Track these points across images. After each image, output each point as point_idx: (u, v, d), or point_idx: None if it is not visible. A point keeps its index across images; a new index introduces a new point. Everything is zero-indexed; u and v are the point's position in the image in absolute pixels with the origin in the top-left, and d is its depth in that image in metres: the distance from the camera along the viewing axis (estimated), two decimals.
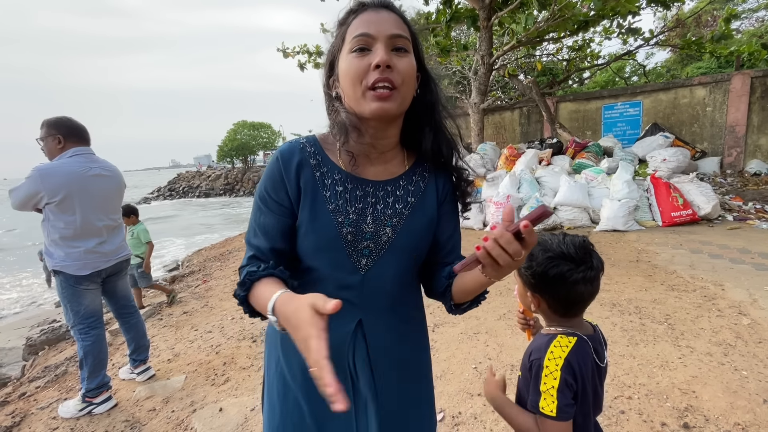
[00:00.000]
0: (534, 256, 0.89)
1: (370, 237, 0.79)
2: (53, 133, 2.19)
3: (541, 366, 0.83)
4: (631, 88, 8.74)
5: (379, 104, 0.71)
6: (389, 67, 0.70)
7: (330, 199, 0.78)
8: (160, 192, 35.81)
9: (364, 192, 0.80)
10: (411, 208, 0.82)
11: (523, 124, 10.10)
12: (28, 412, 2.34)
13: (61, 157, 2.18)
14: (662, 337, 2.53)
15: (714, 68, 11.87)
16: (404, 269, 0.84)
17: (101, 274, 2.28)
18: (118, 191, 2.39)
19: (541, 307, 0.93)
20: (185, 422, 2.10)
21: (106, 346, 2.32)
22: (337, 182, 0.79)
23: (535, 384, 0.84)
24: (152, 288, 4.20)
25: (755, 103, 7.27)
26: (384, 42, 0.71)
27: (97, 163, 2.27)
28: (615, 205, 5.41)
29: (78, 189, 2.14)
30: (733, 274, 3.53)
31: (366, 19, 0.72)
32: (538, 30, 6.92)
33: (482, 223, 6.30)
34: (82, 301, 2.21)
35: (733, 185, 6.83)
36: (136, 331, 2.53)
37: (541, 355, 0.85)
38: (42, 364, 3.18)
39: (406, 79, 0.72)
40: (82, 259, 2.17)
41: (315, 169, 0.79)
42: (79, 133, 2.25)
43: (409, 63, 0.73)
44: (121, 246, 2.39)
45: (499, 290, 3.56)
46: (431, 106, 0.81)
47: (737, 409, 1.83)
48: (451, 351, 2.56)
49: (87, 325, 2.22)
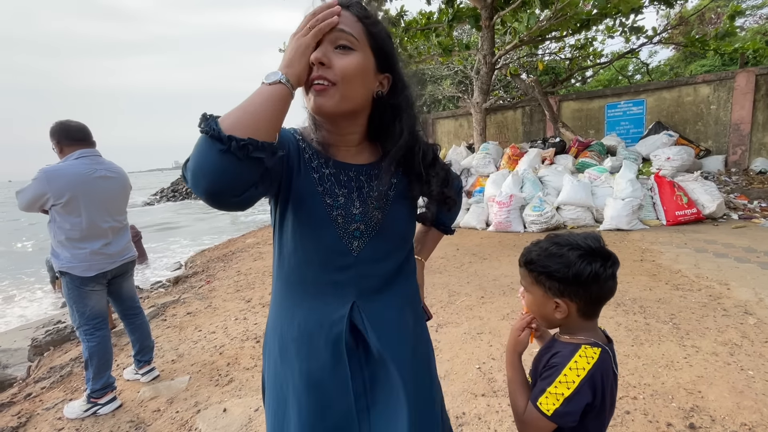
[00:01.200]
0: (563, 258, 0.84)
1: (360, 219, 0.81)
2: (53, 141, 2.23)
3: (559, 372, 0.82)
4: (634, 87, 8.68)
5: (316, 100, 0.73)
6: (323, 64, 0.71)
7: (318, 180, 0.80)
8: (164, 193, 35.97)
9: (348, 176, 0.82)
10: (395, 189, 0.86)
11: (526, 123, 10.07)
12: (33, 413, 2.35)
13: (68, 158, 2.20)
14: (667, 336, 2.52)
15: (718, 66, 11.79)
16: (395, 250, 0.87)
17: (107, 275, 2.29)
18: (123, 193, 2.40)
19: (570, 313, 0.86)
20: (189, 423, 2.11)
21: (110, 347, 2.33)
22: (323, 165, 0.81)
23: (544, 381, 0.83)
24: None
25: (760, 101, 7.21)
26: (327, 39, 0.71)
27: (102, 164, 2.28)
28: (618, 204, 5.39)
29: (83, 191, 2.16)
30: (738, 273, 3.50)
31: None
32: (540, 29, 6.90)
33: (485, 223, 6.28)
34: (87, 302, 2.22)
35: (738, 183, 6.78)
36: (141, 332, 2.54)
37: (564, 362, 0.83)
38: (47, 364, 3.19)
39: (345, 77, 0.72)
40: (87, 260, 2.18)
41: (303, 152, 0.81)
42: (77, 135, 2.25)
43: (351, 61, 0.72)
44: (126, 247, 2.39)
45: (502, 290, 3.55)
46: (396, 110, 0.82)
47: (744, 410, 1.82)
48: (454, 351, 2.56)
49: (92, 326, 2.24)
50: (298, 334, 0.82)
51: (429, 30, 8.28)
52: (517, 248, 4.93)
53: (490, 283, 3.75)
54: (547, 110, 8.60)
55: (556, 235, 0.91)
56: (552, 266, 0.84)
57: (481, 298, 3.42)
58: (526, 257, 0.89)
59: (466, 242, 5.39)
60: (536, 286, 0.88)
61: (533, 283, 0.88)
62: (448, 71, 12.84)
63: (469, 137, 10.31)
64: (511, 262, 4.40)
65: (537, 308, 0.92)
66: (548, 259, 0.85)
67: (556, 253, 0.84)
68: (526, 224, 5.86)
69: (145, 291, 5.30)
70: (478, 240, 5.52)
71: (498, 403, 2.00)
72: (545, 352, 0.91)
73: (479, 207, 6.42)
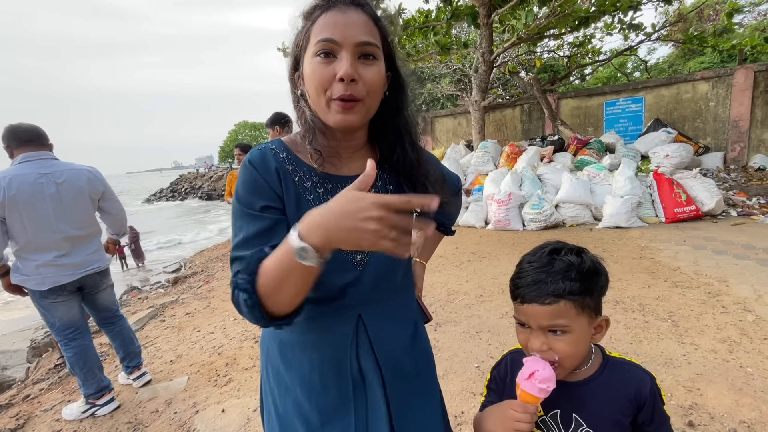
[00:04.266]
0: (600, 270, 0.74)
1: None
2: (4, 146, 2.07)
3: (659, 391, 0.76)
4: (633, 84, 8.66)
5: (343, 116, 0.69)
6: (354, 81, 0.67)
7: (314, 201, 0.75)
8: (162, 194, 35.99)
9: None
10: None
11: (525, 121, 10.06)
12: (32, 415, 2.35)
13: (12, 164, 2.04)
14: (666, 334, 2.52)
15: (717, 63, 11.79)
16: (397, 259, 0.82)
17: (66, 287, 2.10)
18: (80, 198, 2.14)
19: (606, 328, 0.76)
20: (188, 423, 2.10)
21: (93, 354, 2.23)
22: (316, 184, 0.76)
23: (658, 411, 0.75)
24: None
25: (759, 98, 7.20)
26: (350, 50, 0.67)
27: (50, 167, 2.05)
28: (617, 201, 5.38)
29: (25, 198, 1.96)
30: (737, 270, 3.50)
31: (332, 21, 0.67)
32: (538, 26, 6.88)
33: (484, 221, 6.28)
34: (54, 313, 2.10)
35: (736, 180, 6.77)
36: (122, 339, 2.43)
37: (653, 384, 0.76)
38: (46, 366, 3.19)
39: (371, 90, 0.70)
40: (39, 273, 2.02)
41: (293, 174, 0.75)
42: (24, 136, 2.05)
43: (376, 71, 0.70)
44: (90, 258, 2.19)
45: (501, 288, 3.54)
46: (396, 109, 0.79)
47: (743, 407, 1.82)
48: (453, 350, 2.55)
49: (65, 337, 2.14)
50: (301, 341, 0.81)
51: (427, 28, 8.26)
52: (516, 246, 4.92)
53: (489, 282, 3.75)
54: (546, 108, 8.59)
55: (527, 260, 0.78)
56: (594, 277, 0.72)
57: (480, 296, 3.42)
58: (561, 289, 0.70)
59: (465, 241, 5.39)
60: (582, 315, 0.72)
61: (578, 314, 0.71)
62: (447, 69, 12.82)
63: (468, 135, 10.29)
64: (511, 260, 4.40)
65: (581, 343, 0.74)
66: (583, 274, 0.72)
67: (574, 263, 0.72)
68: (525, 222, 5.85)
69: (144, 291, 5.29)
70: (477, 238, 5.52)
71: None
72: (622, 380, 0.76)
73: (478, 205, 6.42)
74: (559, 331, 0.71)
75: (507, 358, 0.88)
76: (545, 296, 0.70)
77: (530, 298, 0.72)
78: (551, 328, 0.71)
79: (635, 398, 0.74)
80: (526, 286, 0.73)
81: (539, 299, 0.71)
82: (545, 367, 0.71)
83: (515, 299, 0.76)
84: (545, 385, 0.70)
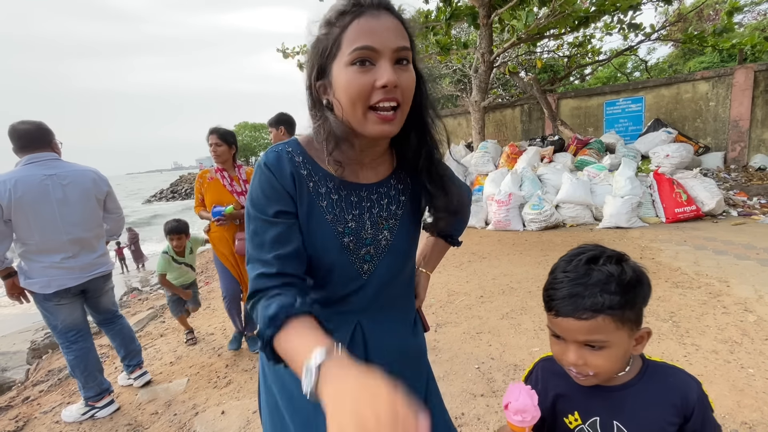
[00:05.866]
0: (642, 280, 0.69)
1: (371, 242, 0.79)
2: (13, 148, 2.06)
3: (707, 398, 0.72)
4: (633, 84, 8.65)
5: (382, 127, 0.68)
6: (396, 86, 0.66)
7: (327, 209, 0.75)
8: (163, 194, 36.03)
9: (359, 197, 0.78)
10: (403, 207, 0.83)
11: (525, 121, 10.05)
12: (31, 417, 2.34)
13: (17, 165, 2.02)
14: (667, 334, 2.51)
15: (716, 62, 11.78)
16: (401, 269, 0.85)
17: (70, 290, 2.10)
18: (84, 199, 2.12)
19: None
20: (187, 425, 2.10)
21: (94, 357, 2.23)
22: (331, 190, 0.76)
23: (708, 420, 0.73)
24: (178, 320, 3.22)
25: (759, 97, 7.20)
26: (389, 57, 0.65)
27: (55, 168, 2.05)
28: (618, 201, 5.38)
29: (31, 200, 1.95)
30: (738, 270, 3.50)
31: (367, 27, 0.64)
32: (538, 26, 6.88)
33: (484, 222, 6.27)
34: (57, 316, 2.09)
35: (737, 180, 6.76)
36: (122, 337, 2.43)
37: (699, 389, 0.72)
38: (46, 367, 3.18)
39: (408, 96, 0.69)
40: (45, 275, 2.01)
41: (307, 180, 0.75)
42: (26, 136, 2.03)
43: (411, 76, 0.69)
44: (95, 262, 2.18)
45: (501, 289, 3.54)
46: (419, 110, 0.77)
47: (744, 408, 1.81)
48: (453, 351, 2.55)
49: (67, 340, 2.13)
50: None
51: (427, 29, 8.26)
52: (516, 247, 4.92)
53: (489, 282, 3.74)
54: (546, 108, 8.58)
55: (562, 268, 0.72)
56: (635, 288, 0.67)
57: (480, 297, 3.41)
58: (600, 303, 0.64)
59: (465, 241, 5.35)
60: (622, 330, 0.66)
61: (617, 328, 0.66)
62: (447, 70, 12.81)
63: (468, 136, 10.29)
64: (511, 261, 4.39)
65: (620, 357, 0.69)
66: (624, 286, 0.66)
67: (614, 274, 0.66)
68: (525, 223, 5.85)
69: (144, 293, 5.28)
70: (477, 239, 5.51)
71: (497, 403, 1.99)
72: (667, 386, 0.71)
73: (478, 206, 6.41)
74: (596, 345, 0.67)
75: (538, 367, 0.85)
76: (582, 311, 0.65)
77: (565, 312, 0.67)
78: (588, 342, 0.67)
79: (682, 405, 0.69)
80: (561, 299, 0.67)
81: (575, 314, 0.65)
82: (519, 398, 0.69)
83: (549, 311, 0.71)
84: (520, 417, 0.68)
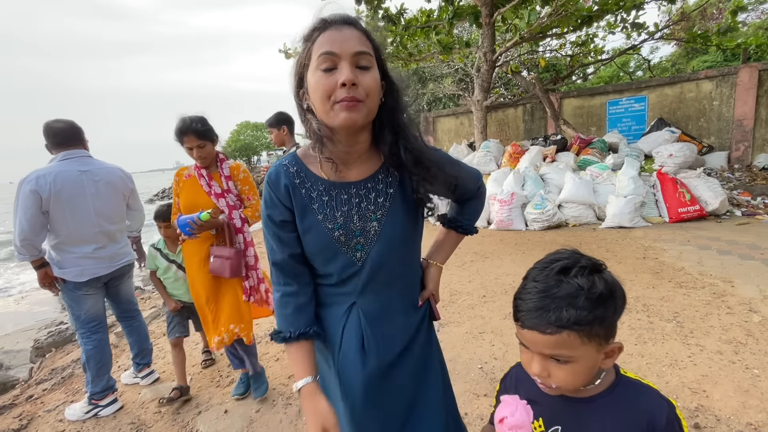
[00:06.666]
0: (615, 293, 0.66)
1: (360, 233, 0.88)
2: (46, 143, 2.18)
3: (679, 422, 0.66)
4: (636, 83, 8.61)
5: (347, 114, 0.77)
6: (354, 85, 0.76)
7: (318, 210, 0.87)
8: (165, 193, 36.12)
9: (348, 194, 0.88)
10: (391, 199, 0.90)
11: (527, 120, 10.02)
12: (35, 415, 2.35)
13: (52, 160, 2.14)
14: (671, 335, 2.50)
15: (720, 62, 11.71)
16: (396, 253, 0.92)
17: (100, 279, 2.25)
18: (114, 195, 2.28)
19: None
20: (190, 424, 2.10)
21: (109, 350, 2.32)
22: (322, 193, 0.88)
23: None
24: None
25: (763, 96, 7.15)
26: (348, 60, 0.76)
27: (89, 165, 2.19)
28: (621, 201, 5.36)
29: (68, 194, 2.08)
30: (742, 270, 3.48)
31: (330, 38, 0.77)
32: (541, 26, 6.85)
33: (486, 221, 6.26)
34: (82, 306, 2.20)
35: (741, 180, 6.73)
36: (138, 334, 2.53)
37: (670, 412, 0.66)
38: (49, 366, 3.20)
39: (370, 93, 0.78)
40: (78, 264, 2.13)
41: (300, 188, 0.88)
42: (61, 134, 2.16)
43: (372, 78, 0.79)
44: (121, 252, 2.33)
45: (504, 289, 3.53)
46: (392, 111, 0.87)
47: (749, 409, 1.80)
48: (456, 351, 2.54)
49: (89, 330, 2.22)
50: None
51: (429, 28, 8.24)
52: (518, 246, 4.91)
53: (492, 282, 3.73)
54: (549, 107, 8.55)
55: (533, 276, 0.70)
56: (606, 302, 0.64)
57: (483, 297, 3.40)
58: (565, 318, 0.62)
59: (467, 240, 5.33)
60: (589, 345, 0.64)
61: (583, 343, 0.63)
62: (449, 69, 12.79)
63: (470, 135, 10.27)
64: (513, 260, 4.38)
65: (585, 371, 0.67)
66: (593, 301, 0.63)
67: (583, 287, 0.63)
68: (527, 222, 5.83)
69: (147, 292, 5.29)
70: (480, 238, 5.50)
71: None
72: (638, 407, 0.67)
73: None
74: (561, 359, 0.65)
75: (513, 371, 0.86)
76: (546, 325, 0.63)
77: (530, 325, 0.65)
78: (552, 356, 0.65)
79: (648, 427, 0.66)
80: (527, 311, 0.66)
81: (539, 327, 0.64)
82: (515, 413, 0.69)
83: (516, 321, 0.70)
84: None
